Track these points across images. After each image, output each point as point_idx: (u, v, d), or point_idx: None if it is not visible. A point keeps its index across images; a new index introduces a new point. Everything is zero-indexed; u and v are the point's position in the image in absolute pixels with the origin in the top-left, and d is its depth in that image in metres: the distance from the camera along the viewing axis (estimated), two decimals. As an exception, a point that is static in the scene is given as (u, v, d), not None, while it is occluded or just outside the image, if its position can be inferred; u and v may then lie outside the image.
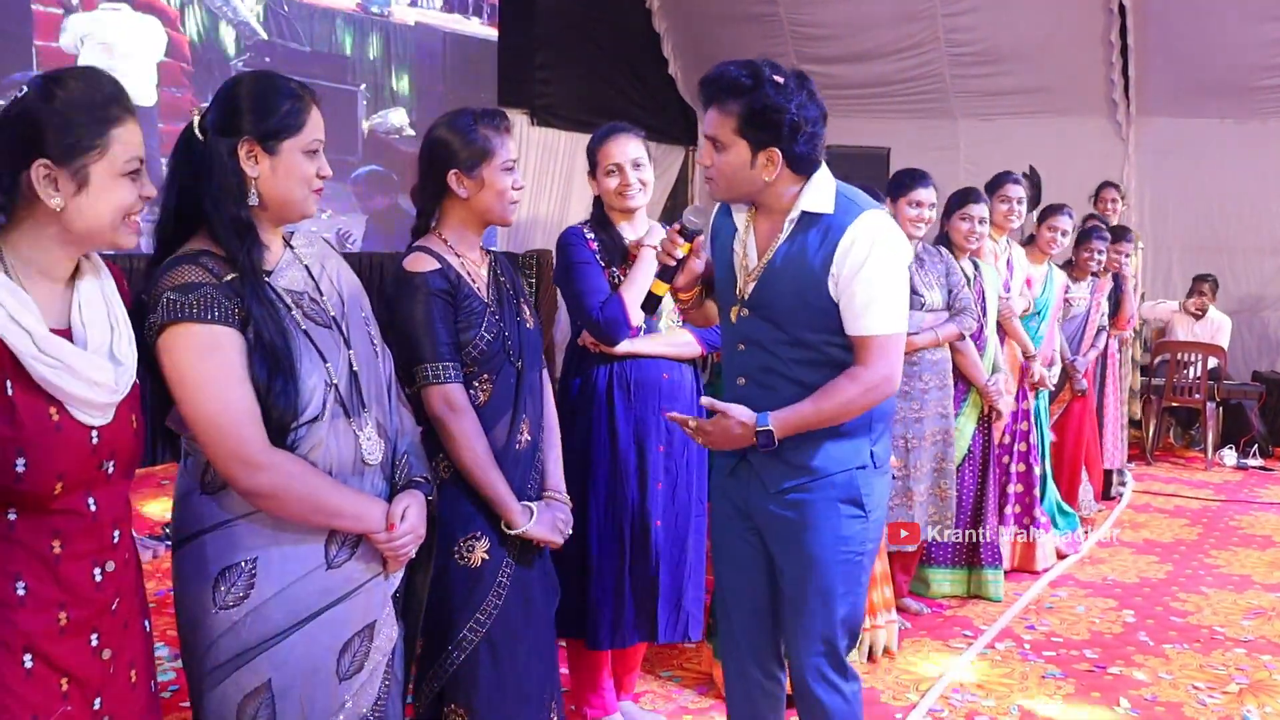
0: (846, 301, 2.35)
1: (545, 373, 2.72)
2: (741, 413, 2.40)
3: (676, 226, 2.51)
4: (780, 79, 2.30)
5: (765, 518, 2.52)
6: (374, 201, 7.78)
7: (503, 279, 2.62)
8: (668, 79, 10.60)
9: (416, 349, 2.43)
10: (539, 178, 9.07)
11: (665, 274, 2.53)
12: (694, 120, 10.76)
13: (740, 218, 2.50)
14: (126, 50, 6.17)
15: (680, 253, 2.49)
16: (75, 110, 1.69)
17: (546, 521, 2.53)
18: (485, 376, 2.49)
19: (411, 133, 7.92)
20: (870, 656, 3.99)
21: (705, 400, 2.47)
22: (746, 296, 2.45)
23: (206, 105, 2.08)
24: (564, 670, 3.15)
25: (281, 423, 1.97)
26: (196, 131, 2.03)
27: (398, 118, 7.95)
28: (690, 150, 10.88)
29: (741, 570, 2.61)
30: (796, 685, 2.58)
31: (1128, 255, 6.56)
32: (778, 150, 2.33)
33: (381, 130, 7.83)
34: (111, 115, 1.72)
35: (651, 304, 2.61)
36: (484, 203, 2.51)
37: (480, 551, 2.49)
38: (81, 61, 5.84)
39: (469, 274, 2.52)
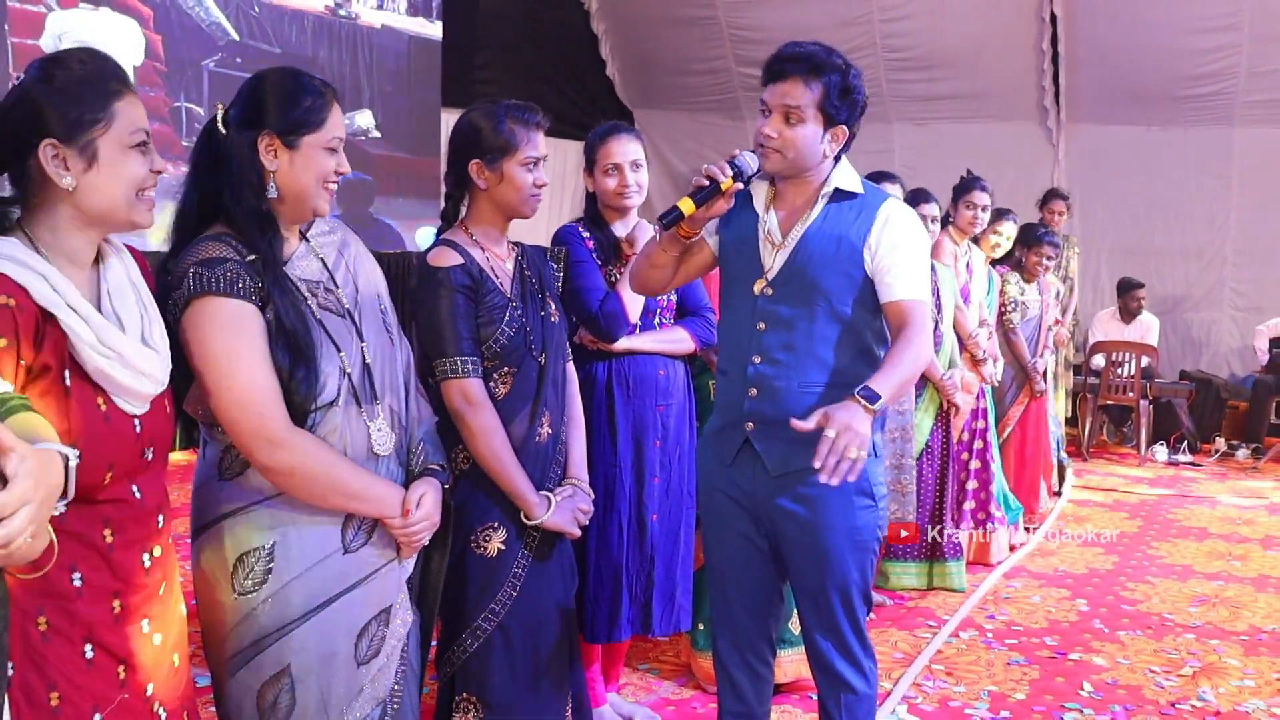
0: (886, 270, 2.42)
1: (570, 364, 2.75)
2: (844, 404, 2.19)
3: (730, 155, 2.40)
4: (849, 64, 2.43)
5: (773, 511, 2.51)
6: (342, 205, 7.68)
7: (528, 273, 2.63)
8: (606, 81, 10.63)
9: (437, 343, 2.46)
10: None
11: (696, 195, 2.39)
12: (632, 122, 10.80)
13: (759, 197, 2.53)
14: (106, 50, 6.12)
15: (723, 181, 2.37)
16: (76, 86, 1.68)
17: (565, 512, 2.55)
18: (506, 370, 2.52)
19: (378, 135, 7.88)
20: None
21: (806, 422, 2.17)
22: (774, 273, 2.47)
23: (229, 102, 2.09)
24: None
25: (302, 408, 1.99)
26: (220, 126, 2.05)
27: (364, 119, 7.92)
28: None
29: (739, 565, 2.61)
30: (819, 664, 2.58)
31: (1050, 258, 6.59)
32: (846, 129, 2.44)
33: (349, 133, 7.73)
34: (112, 89, 1.71)
35: (674, 218, 2.39)
36: (503, 196, 2.54)
37: (497, 542, 2.52)
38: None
39: (493, 269, 2.55)
